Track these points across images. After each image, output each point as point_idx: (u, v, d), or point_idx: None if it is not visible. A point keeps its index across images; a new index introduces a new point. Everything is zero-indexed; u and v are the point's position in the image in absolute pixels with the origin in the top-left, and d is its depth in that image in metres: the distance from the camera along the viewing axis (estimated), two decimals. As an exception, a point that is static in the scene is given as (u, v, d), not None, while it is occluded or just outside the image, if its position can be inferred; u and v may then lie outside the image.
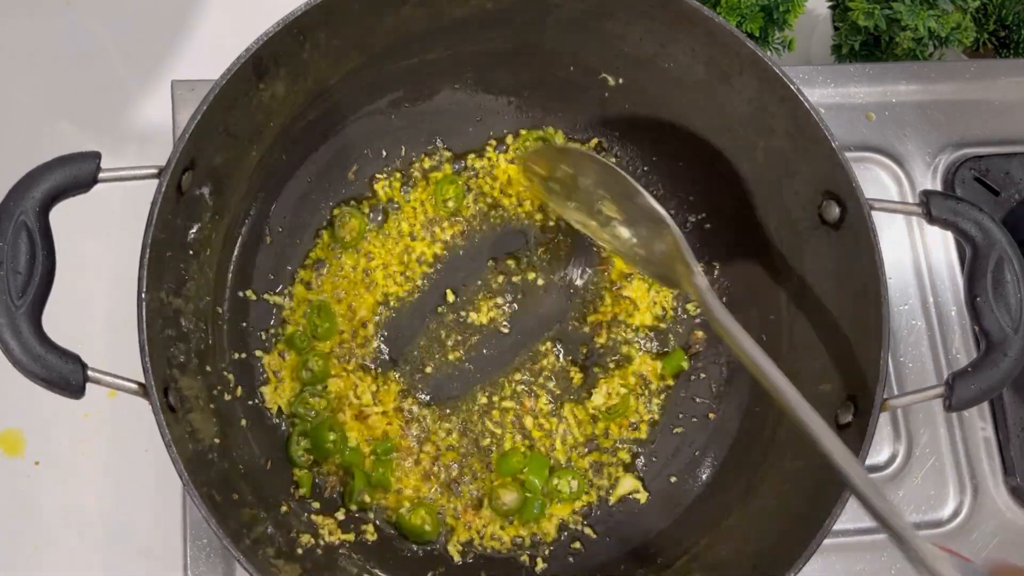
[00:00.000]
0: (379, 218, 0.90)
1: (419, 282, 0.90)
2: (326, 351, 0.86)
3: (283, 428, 0.85)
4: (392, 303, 0.89)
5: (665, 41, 0.84)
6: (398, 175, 0.92)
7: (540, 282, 0.91)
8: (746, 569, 0.78)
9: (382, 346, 0.88)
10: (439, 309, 0.89)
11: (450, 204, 0.90)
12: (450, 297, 0.90)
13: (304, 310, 0.87)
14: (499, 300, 0.90)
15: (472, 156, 0.93)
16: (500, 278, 0.91)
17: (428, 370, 0.88)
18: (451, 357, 0.89)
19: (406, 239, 0.90)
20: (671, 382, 0.90)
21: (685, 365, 0.90)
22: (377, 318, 0.88)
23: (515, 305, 0.90)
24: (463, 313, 0.90)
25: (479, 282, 0.91)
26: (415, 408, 0.87)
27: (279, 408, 0.85)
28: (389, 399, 0.86)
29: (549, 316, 0.90)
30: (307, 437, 0.84)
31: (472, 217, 0.92)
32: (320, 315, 0.86)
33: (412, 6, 0.81)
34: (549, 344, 0.89)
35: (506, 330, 0.90)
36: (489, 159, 0.93)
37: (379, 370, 0.87)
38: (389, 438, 0.85)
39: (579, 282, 0.91)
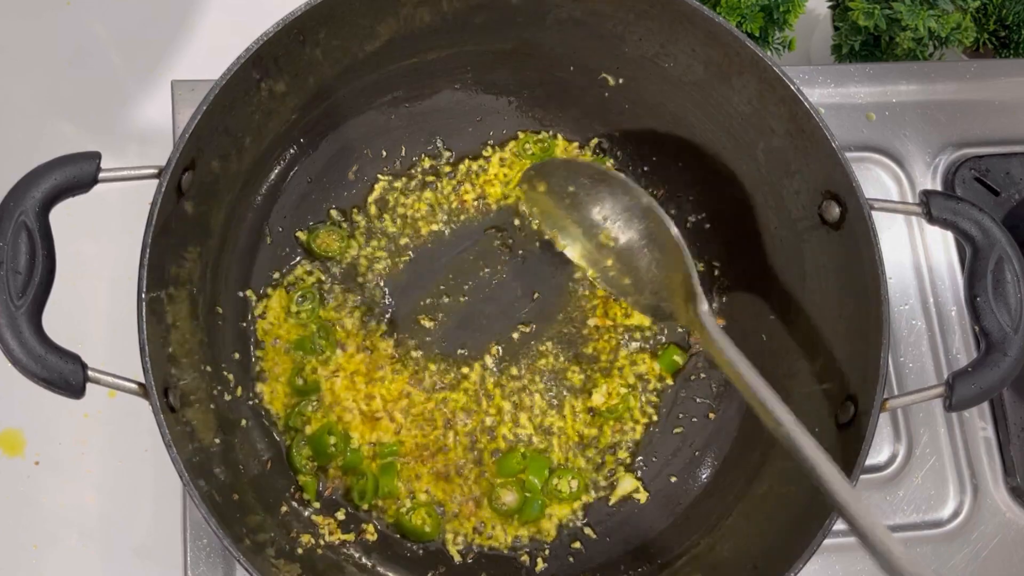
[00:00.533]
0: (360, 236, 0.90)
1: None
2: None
3: (283, 428, 0.85)
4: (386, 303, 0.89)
5: (665, 41, 0.84)
6: (403, 178, 0.92)
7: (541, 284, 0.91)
8: (746, 569, 0.78)
9: (389, 347, 0.88)
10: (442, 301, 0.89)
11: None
12: (445, 299, 0.90)
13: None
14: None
15: (468, 160, 0.93)
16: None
17: (432, 367, 0.88)
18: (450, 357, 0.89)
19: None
20: (671, 381, 0.90)
21: (680, 360, 0.90)
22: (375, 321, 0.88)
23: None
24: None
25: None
26: (415, 408, 0.87)
27: (278, 411, 0.85)
28: (392, 397, 0.86)
29: (550, 316, 0.90)
30: (308, 444, 0.84)
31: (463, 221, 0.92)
32: (322, 335, 0.86)
33: (412, 6, 0.82)
34: (549, 344, 0.89)
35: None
36: (486, 158, 0.93)
37: (382, 371, 0.87)
38: (392, 443, 0.85)
39: (579, 283, 0.91)
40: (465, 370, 0.88)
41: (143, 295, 0.69)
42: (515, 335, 0.89)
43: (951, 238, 0.98)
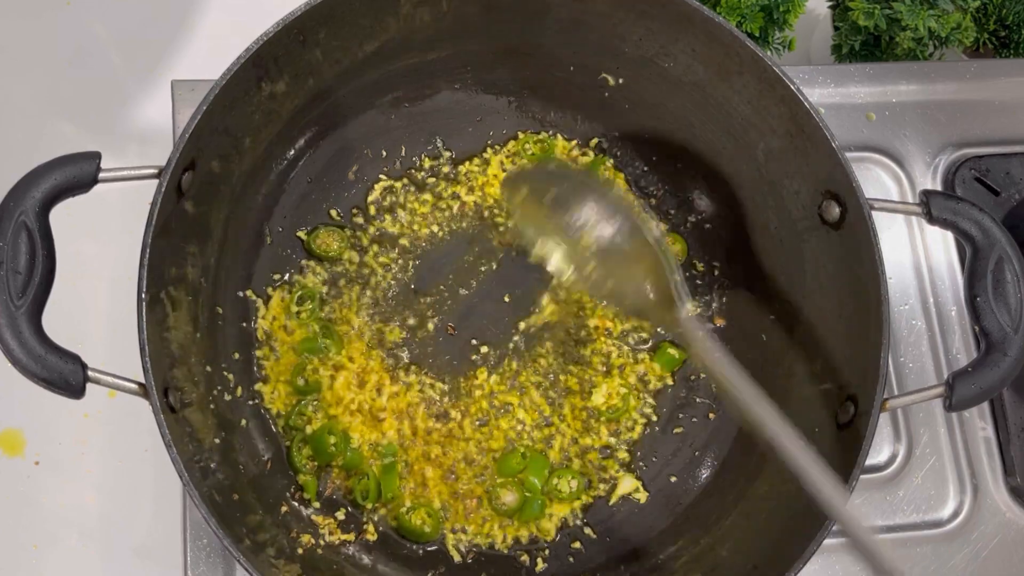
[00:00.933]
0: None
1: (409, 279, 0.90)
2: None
3: (283, 428, 0.85)
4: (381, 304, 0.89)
5: (665, 41, 0.84)
6: (403, 179, 0.92)
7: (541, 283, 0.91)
8: (746, 569, 0.78)
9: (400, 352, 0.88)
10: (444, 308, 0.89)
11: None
12: (445, 300, 0.90)
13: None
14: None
15: (468, 160, 0.93)
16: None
17: (434, 364, 0.88)
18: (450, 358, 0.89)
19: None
20: (671, 381, 0.90)
21: (677, 355, 0.90)
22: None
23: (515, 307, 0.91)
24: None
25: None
26: (415, 408, 0.87)
27: (279, 410, 0.85)
28: (393, 396, 0.86)
29: (549, 317, 0.90)
30: (308, 444, 0.84)
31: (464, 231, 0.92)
32: (325, 334, 0.86)
33: (412, 6, 0.82)
34: (548, 344, 0.89)
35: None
36: (485, 159, 0.93)
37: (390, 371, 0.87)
38: (393, 443, 0.85)
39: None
40: (465, 370, 0.88)
41: (143, 295, 0.69)
42: (515, 336, 0.89)
43: (951, 238, 0.98)
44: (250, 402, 0.84)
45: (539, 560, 0.85)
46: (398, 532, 0.84)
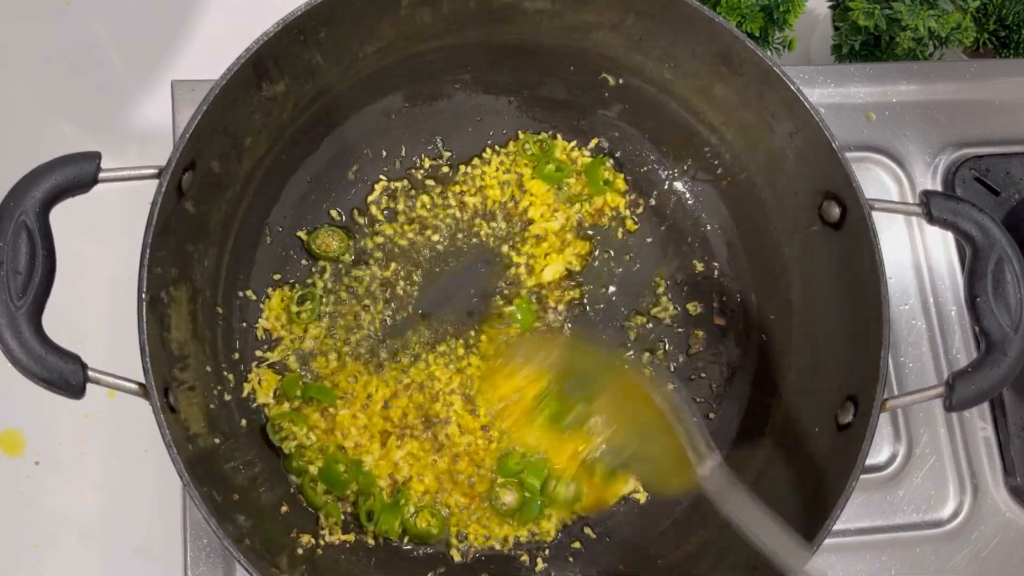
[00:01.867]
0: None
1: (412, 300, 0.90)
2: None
3: (288, 469, 0.84)
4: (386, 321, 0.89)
5: (665, 41, 0.84)
6: (403, 179, 0.92)
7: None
8: (746, 569, 0.78)
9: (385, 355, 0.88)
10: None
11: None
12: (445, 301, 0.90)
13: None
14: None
15: (468, 161, 0.93)
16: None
17: (434, 370, 0.88)
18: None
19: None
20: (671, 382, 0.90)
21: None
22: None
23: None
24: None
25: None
26: (413, 411, 0.87)
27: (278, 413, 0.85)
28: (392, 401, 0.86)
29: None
30: (320, 481, 0.83)
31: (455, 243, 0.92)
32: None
33: (412, 6, 0.81)
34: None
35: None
36: (485, 159, 0.93)
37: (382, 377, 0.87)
38: (407, 480, 0.84)
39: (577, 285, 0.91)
40: (465, 372, 0.88)
41: (143, 295, 0.69)
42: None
43: (951, 238, 0.98)
44: (250, 403, 0.84)
45: (539, 560, 0.85)
46: (405, 535, 0.84)
